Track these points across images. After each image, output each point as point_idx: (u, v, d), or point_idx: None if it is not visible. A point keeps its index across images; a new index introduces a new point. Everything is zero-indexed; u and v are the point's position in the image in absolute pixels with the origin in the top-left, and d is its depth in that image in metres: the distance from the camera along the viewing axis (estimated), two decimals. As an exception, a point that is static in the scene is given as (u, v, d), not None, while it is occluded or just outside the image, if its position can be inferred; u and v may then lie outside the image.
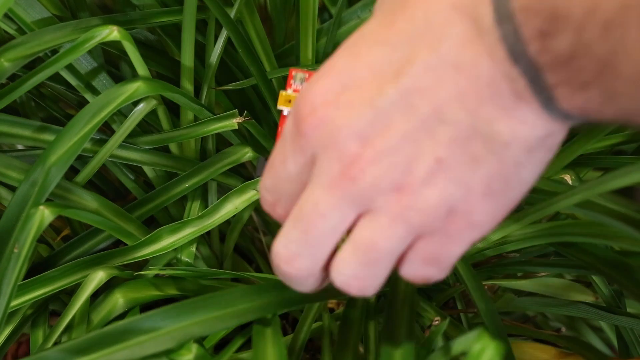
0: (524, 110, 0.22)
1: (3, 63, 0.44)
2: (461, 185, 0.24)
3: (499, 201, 0.25)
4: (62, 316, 0.45)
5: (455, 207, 0.24)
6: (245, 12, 0.50)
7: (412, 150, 0.23)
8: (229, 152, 0.53)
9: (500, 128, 0.22)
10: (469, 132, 0.22)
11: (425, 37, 0.22)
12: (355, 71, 0.24)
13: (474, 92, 0.22)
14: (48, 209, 0.40)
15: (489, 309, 0.43)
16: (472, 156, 0.23)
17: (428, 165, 0.23)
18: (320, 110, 0.24)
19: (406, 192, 0.24)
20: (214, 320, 0.37)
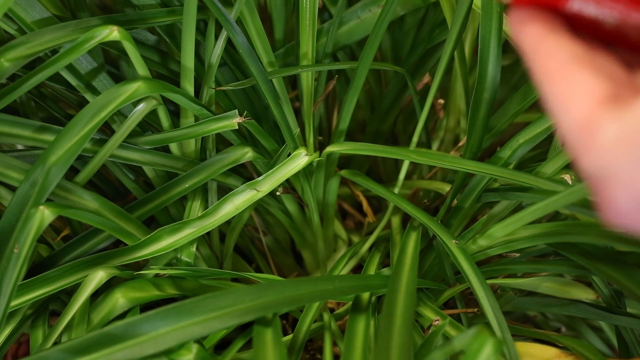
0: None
1: (3, 63, 0.44)
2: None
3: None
4: (62, 316, 0.45)
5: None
6: (246, 12, 0.50)
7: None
8: (229, 152, 0.53)
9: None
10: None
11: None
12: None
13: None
14: (48, 209, 0.40)
15: (492, 306, 0.43)
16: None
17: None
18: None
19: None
20: (214, 320, 0.37)
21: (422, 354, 0.41)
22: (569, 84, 0.23)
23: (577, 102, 0.23)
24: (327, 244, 0.66)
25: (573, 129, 0.23)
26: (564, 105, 0.23)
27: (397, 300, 0.41)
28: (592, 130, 0.22)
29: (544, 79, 0.24)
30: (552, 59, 0.24)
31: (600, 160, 0.22)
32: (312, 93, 0.54)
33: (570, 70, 0.23)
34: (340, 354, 0.51)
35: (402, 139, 0.74)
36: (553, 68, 0.23)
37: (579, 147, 0.23)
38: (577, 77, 0.23)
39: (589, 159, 0.22)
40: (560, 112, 0.23)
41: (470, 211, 0.56)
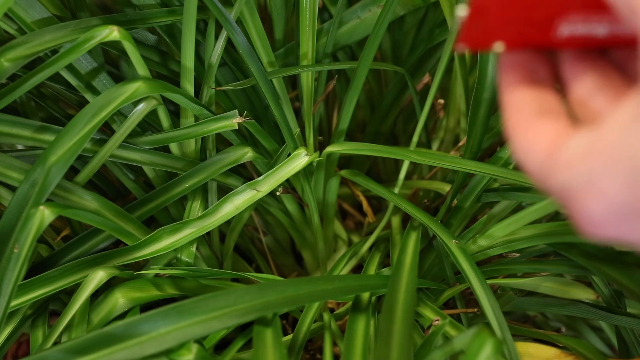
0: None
1: (3, 63, 0.44)
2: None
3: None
4: (62, 316, 0.45)
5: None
6: (246, 12, 0.50)
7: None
8: (229, 152, 0.53)
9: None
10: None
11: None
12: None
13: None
14: (48, 209, 0.40)
15: (492, 306, 0.43)
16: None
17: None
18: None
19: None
20: (214, 320, 0.37)
21: (422, 354, 0.41)
22: (531, 135, 0.25)
23: (537, 144, 0.24)
24: (327, 244, 0.66)
25: (536, 163, 0.24)
26: (526, 150, 0.25)
27: (397, 300, 0.41)
28: (553, 155, 0.24)
29: (510, 130, 0.26)
30: (518, 113, 0.26)
31: (566, 176, 0.23)
32: (312, 93, 0.54)
33: (533, 124, 0.25)
34: (340, 354, 0.51)
35: (402, 139, 0.74)
36: (518, 121, 0.26)
37: (544, 173, 0.24)
38: (538, 128, 0.25)
39: (555, 178, 0.23)
40: (524, 156, 0.25)
41: (470, 211, 0.56)
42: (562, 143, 0.23)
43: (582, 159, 0.22)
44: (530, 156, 0.25)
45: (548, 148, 0.24)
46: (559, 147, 0.23)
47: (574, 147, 0.23)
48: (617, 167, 0.21)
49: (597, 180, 0.22)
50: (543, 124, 0.25)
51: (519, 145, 0.25)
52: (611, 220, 0.22)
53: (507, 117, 0.26)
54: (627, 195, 0.21)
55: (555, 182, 0.23)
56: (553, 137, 0.24)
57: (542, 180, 0.24)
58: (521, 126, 0.25)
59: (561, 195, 0.23)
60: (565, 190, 0.23)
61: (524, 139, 0.25)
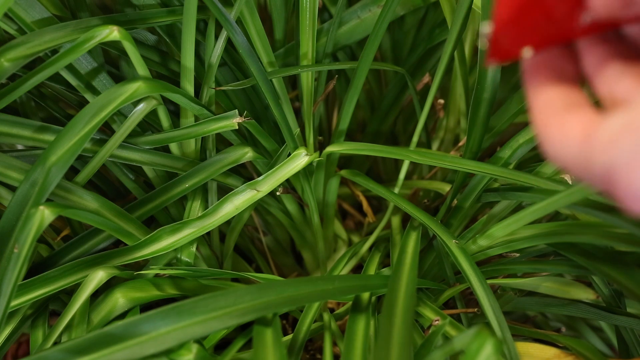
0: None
1: (3, 63, 0.44)
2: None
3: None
4: (62, 316, 0.45)
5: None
6: (246, 12, 0.50)
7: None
8: (229, 152, 0.53)
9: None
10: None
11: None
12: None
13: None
14: (48, 209, 0.40)
15: (492, 306, 0.43)
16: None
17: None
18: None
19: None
20: (214, 320, 0.37)
21: (422, 354, 0.41)
22: (563, 128, 0.25)
23: (570, 135, 0.25)
24: (327, 244, 0.66)
25: (572, 153, 0.25)
26: (560, 143, 0.25)
27: (397, 300, 0.41)
28: (589, 141, 0.24)
29: (540, 128, 0.26)
30: (547, 111, 0.26)
31: (609, 155, 0.23)
32: (312, 93, 0.54)
33: (563, 118, 0.26)
34: (340, 354, 0.51)
35: (402, 139, 0.74)
36: (547, 118, 0.26)
37: (582, 160, 0.24)
38: (568, 121, 0.25)
39: (595, 161, 0.24)
40: (558, 150, 0.25)
41: (470, 211, 0.56)
42: (595, 130, 0.24)
43: (623, 135, 0.22)
44: (565, 148, 0.25)
45: (582, 136, 0.24)
46: (593, 133, 0.24)
47: (610, 127, 0.23)
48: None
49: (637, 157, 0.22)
50: (573, 117, 0.25)
51: (552, 140, 0.25)
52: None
53: (535, 115, 0.27)
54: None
55: (596, 164, 0.23)
56: (585, 126, 0.24)
57: (581, 168, 0.25)
58: (551, 122, 0.26)
59: (604, 177, 0.23)
60: (609, 169, 0.23)
61: (556, 134, 0.25)
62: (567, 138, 0.25)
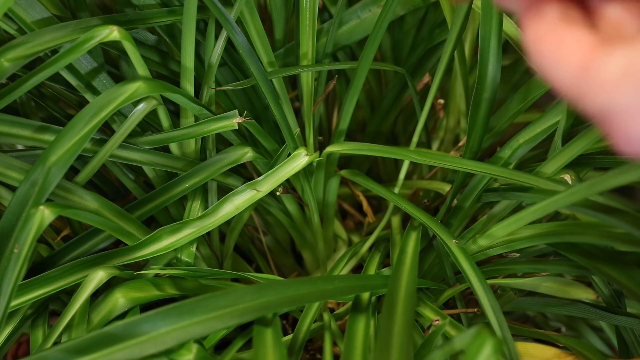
0: None
1: (3, 63, 0.44)
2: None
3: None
4: (62, 316, 0.45)
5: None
6: (246, 12, 0.50)
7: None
8: (229, 152, 0.53)
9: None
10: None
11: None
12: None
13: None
14: (48, 209, 0.40)
15: (493, 306, 0.43)
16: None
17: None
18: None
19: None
20: (214, 320, 0.37)
21: (422, 354, 0.41)
22: (560, 40, 0.23)
23: (570, 52, 0.23)
24: (327, 244, 0.66)
25: (571, 76, 0.23)
26: (557, 60, 0.23)
27: (397, 300, 0.41)
28: (592, 70, 0.22)
29: (533, 40, 0.24)
30: (541, 20, 0.24)
31: (610, 96, 0.22)
32: (312, 93, 0.54)
33: (560, 28, 0.23)
34: (340, 354, 0.51)
35: (402, 139, 0.74)
36: (542, 29, 0.24)
37: (581, 91, 0.22)
38: (567, 33, 0.23)
39: (595, 98, 0.22)
40: (555, 67, 0.23)
41: (470, 211, 0.56)
42: (598, 58, 0.22)
43: (625, 78, 0.21)
44: (563, 70, 0.23)
45: (583, 62, 0.22)
46: (596, 63, 0.22)
47: (611, 66, 0.22)
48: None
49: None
50: (572, 33, 0.23)
51: (547, 55, 0.23)
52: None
53: (527, 26, 0.24)
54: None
55: (596, 102, 0.22)
56: (587, 50, 0.22)
57: (576, 98, 0.23)
58: (547, 34, 0.23)
59: (602, 116, 0.22)
60: (609, 112, 0.22)
61: (553, 48, 0.23)
62: (565, 57, 0.23)
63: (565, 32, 0.23)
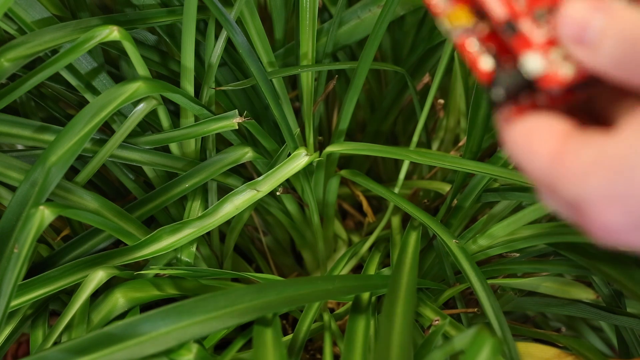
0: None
1: (3, 63, 0.44)
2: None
3: None
4: (62, 316, 0.45)
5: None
6: (246, 12, 0.50)
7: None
8: (229, 152, 0.53)
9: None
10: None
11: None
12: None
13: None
14: (48, 209, 0.40)
15: (493, 306, 0.43)
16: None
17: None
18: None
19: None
20: (214, 320, 0.37)
21: (422, 354, 0.41)
22: (530, 127, 0.23)
23: (541, 141, 0.23)
24: (327, 244, 0.66)
25: (543, 166, 0.23)
26: (529, 147, 0.23)
27: (397, 300, 0.41)
28: (563, 160, 0.23)
29: (505, 126, 0.24)
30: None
31: (581, 187, 0.22)
32: (312, 93, 0.54)
33: (530, 116, 0.24)
34: (340, 354, 0.51)
35: (402, 139, 0.74)
36: (517, 114, 0.24)
37: (553, 181, 0.23)
38: (536, 121, 0.24)
39: (566, 188, 0.23)
40: (526, 155, 0.24)
41: (470, 211, 0.56)
42: (567, 151, 0.22)
43: (594, 170, 0.22)
44: (535, 159, 0.23)
45: (553, 153, 0.23)
46: (565, 156, 0.23)
47: (583, 157, 0.22)
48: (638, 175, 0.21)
49: (620, 194, 0.21)
50: (541, 118, 0.23)
51: (520, 140, 0.24)
52: (631, 228, 0.22)
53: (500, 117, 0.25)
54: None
55: (566, 192, 0.22)
56: (558, 138, 0.23)
57: (547, 187, 0.23)
58: (518, 124, 0.24)
59: (572, 205, 0.23)
60: (579, 201, 0.22)
61: (524, 138, 0.24)
62: (537, 147, 0.23)
63: (535, 119, 0.24)
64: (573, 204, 0.23)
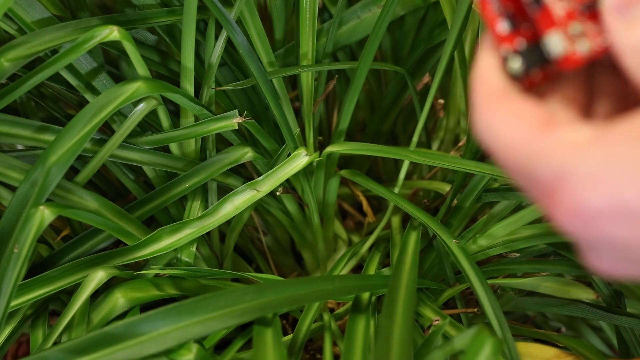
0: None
1: (3, 63, 0.44)
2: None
3: None
4: (62, 316, 0.45)
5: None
6: (246, 12, 0.50)
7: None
8: (229, 152, 0.53)
9: None
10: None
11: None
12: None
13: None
14: (48, 209, 0.40)
15: (493, 306, 0.43)
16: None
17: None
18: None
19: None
20: (214, 320, 0.37)
21: (422, 353, 0.41)
22: (514, 107, 0.22)
23: (522, 118, 0.22)
24: (327, 244, 0.66)
25: (519, 144, 0.21)
26: (504, 128, 0.22)
27: (397, 300, 0.41)
28: (545, 135, 0.21)
29: (482, 102, 0.23)
30: (495, 82, 0.23)
31: (561, 161, 0.20)
32: (312, 93, 0.54)
33: (516, 98, 0.22)
34: (340, 354, 0.51)
35: (402, 139, 0.74)
36: (495, 93, 0.23)
37: (528, 156, 0.21)
38: (524, 105, 0.22)
39: (543, 163, 0.21)
40: (499, 136, 0.22)
41: (470, 211, 0.56)
42: (558, 125, 0.21)
43: (595, 145, 0.20)
44: (510, 135, 0.21)
45: (538, 126, 0.21)
46: (553, 129, 0.21)
47: (580, 131, 0.20)
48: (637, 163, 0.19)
49: (607, 171, 0.19)
50: (531, 103, 0.22)
51: (494, 121, 0.22)
52: (605, 216, 0.19)
53: (478, 84, 0.23)
54: (636, 194, 0.19)
55: (545, 166, 0.20)
56: (545, 117, 0.21)
57: (522, 166, 0.21)
58: (499, 99, 0.22)
59: (548, 184, 0.21)
60: (559, 177, 0.20)
61: (503, 114, 0.22)
62: (513, 125, 0.21)
63: (522, 100, 0.22)
64: (550, 181, 0.21)
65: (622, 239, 0.20)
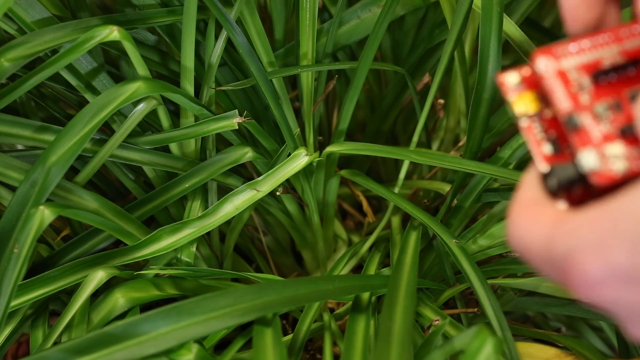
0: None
1: (3, 63, 0.44)
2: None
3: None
4: (62, 316, 0.45)
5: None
6: (246, 12, 0.50)
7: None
8: (229, 152, 0.53)
9: None
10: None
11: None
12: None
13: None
14: (48, 209, 0.40)
15: (493, 306, 0.43)
16: None
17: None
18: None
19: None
20: (214, 320, 0.37)
21: (422, 353, 0.41)
22: (536, 216, 0.25)
23: (541, 222, 0.24)
24: (327, 244, 0.66)
25: (538, 239, 0.24)
26: (528, 229, 0.25)
27: (397, 300, 0.41)
28: (555, 228, 0.24)
29: (514, 214, 0.26)
30: (528, 200, 0.26)
31: (571, 242, 0.23)
32: (312, 93, 0.54)
33: (539, 208, 0.25)
34: (340, 354, 0.51)
35: (402, 139, 0.74)
36: (526, 206, 0.26)
37: (545, 247, 0.24)
38: (543, 211, 0.25)
39: (558, 247, 0.23)
40: (524, 235, 0.25)
41: (470, 211, 0.56)
42: (564, 219, 0.24)
43: (589, 224, 0.22)
44: (532, 233, 0.25)
45: (551, 223, 0.24)
46: (561, 222, 0.24)
47: (578, 218, 0.23)
48: (624, 231, 0.21)
49: (602, 243, 0.22)
50: (549, 208, 0.25)
51: (520, 226, 0.25)
52: (608, 283, 0.22)
53: (516, 202, 0.26)
54: (629, 260, 0.21)
55: (558, 252, 0.23)
56: (557, 217, 0.24)
57: (543, 255, 0.24)
58: (527, 210, 0.25)
59: (562, 264, 0.23)
60: (567, 256, 0.23)
61: (527, 220, 0.25)
62: (536, 224, 0.25)
63: (543, 209, 0.25)
64: (562, 262, 0.23)
65: (632, 302, 0.22)
